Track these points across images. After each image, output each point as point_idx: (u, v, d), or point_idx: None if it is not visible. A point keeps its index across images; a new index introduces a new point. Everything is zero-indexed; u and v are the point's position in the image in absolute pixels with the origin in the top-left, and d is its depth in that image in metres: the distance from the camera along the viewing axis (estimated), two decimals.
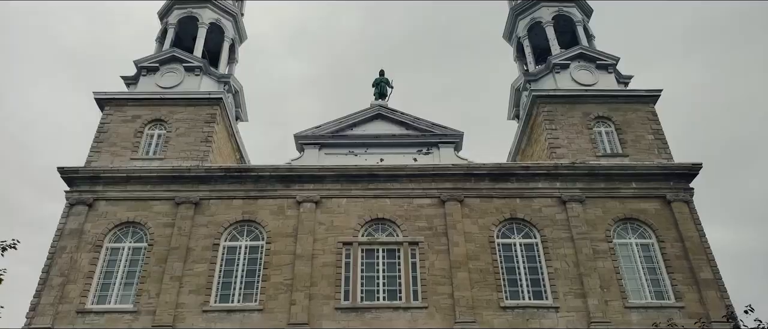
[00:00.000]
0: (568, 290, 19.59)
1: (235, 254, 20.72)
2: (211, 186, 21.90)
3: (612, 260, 20.20)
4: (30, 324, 18.61)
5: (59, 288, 19.34)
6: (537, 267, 20.37)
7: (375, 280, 20.30)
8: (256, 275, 20.19)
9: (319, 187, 22.00)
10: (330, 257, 20.52)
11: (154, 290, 19.50)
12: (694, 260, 20.00)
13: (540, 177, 22.03)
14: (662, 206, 21.42)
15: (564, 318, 19.08)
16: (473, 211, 21.46)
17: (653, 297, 19.62)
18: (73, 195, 21.48)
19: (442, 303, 19.52)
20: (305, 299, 19.48)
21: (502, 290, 19.79)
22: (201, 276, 19.94)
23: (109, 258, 20.48)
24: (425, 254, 20.58)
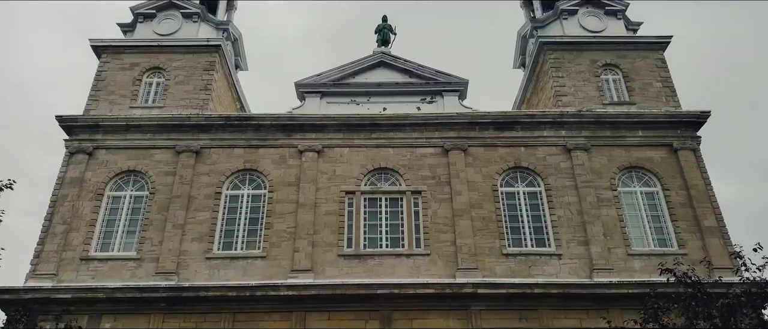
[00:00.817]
0: (571, 237, 19.60)
1: (237, 202, 20.69)
2: (212, 135, 21.69)
3: (616, 208, 20.15)
4: (35, 271, 18.74)
5: (62, 236, 19.40)
6: (540, 215, 20.35)
7: (378, 228, 20.33)
8: (259, 223, 20.21)
9: (321, 136, 21.77)
10: (333, 206, 20.49)
11: (157, 238, 19.56)
12: (698, 208, 19.93)
13: (545, 126, 21.75)
14: (668, 155, 21.22)
15: (566, 265, 19.16)
16: (477, 160, 21.27)
17: (656, 244, 19.65)
18: (73, 144, 21.32)
19: (444, 251, 19.59)
20: (308, 246, 19.55)
21: (505, 238, 19.82)
22: (203, 224, 19.96)
23: (110, 207, 20.48)
24: (428, 203, 20.53)
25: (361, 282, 18.66)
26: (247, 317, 18.40)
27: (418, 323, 18.37)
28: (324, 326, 18.33)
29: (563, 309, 18.31)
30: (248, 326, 18.22)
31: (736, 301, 9.23)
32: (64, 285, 18.29)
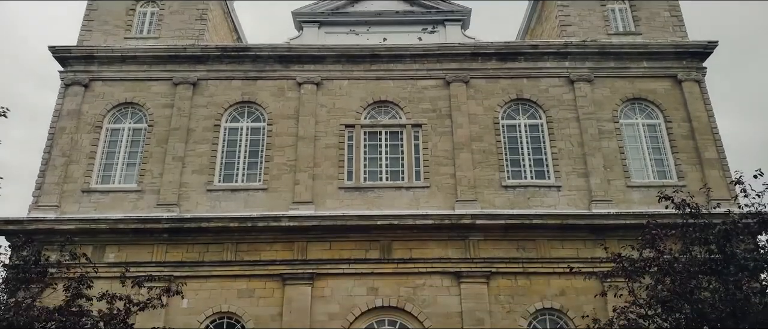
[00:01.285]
0: (571, 169, 19.64)
1: (236, 135, 20.61)
2: (209, 66, 21.33)
3: (617, 140, 20.08)
4: (37, 203, 18.91)
5: (62, 169, 19.45)
6: (541, 148, 20.32)
7: (378, 161, 20.34)
8: (259, 156, 20.21)
9: (320, 68, 21.40)
10: (332, 139, 20.41)
11: (157, 170, 19.61)
12: (700, 140, 19.86)
13: (549, 56, 21.34)
14: (672, 86, 20.94)
15: (565, 197, 19.28)
16: (479, 92, 21.01)
17: (656, 176, 19.71)
18: (68, 75, 21.02)
19: (443, 183, 19.67)
20: (309, 179, 19.62)
21: (505, 170, 19.87)
22: (203, 156, 19.96)
23: (109, 139, 20.42)
24: (428, 136, 20.44)
25: (361, 213, 18.87)
26: (249, 247, 18.74)
27: (416, 253, 18.72)
28: (325, 256, 18.69)
29: (560, 240, 18.59)
30: (251, 256, 18.57)
31: (732, 227, 9.30)
32: (67, 217, 18.49)
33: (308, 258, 18.60)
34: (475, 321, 17.87)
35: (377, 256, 18.67)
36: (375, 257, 18.67)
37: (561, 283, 18.28)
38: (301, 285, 18.36)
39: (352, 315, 18.16)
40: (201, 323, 18.01)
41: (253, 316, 18.07)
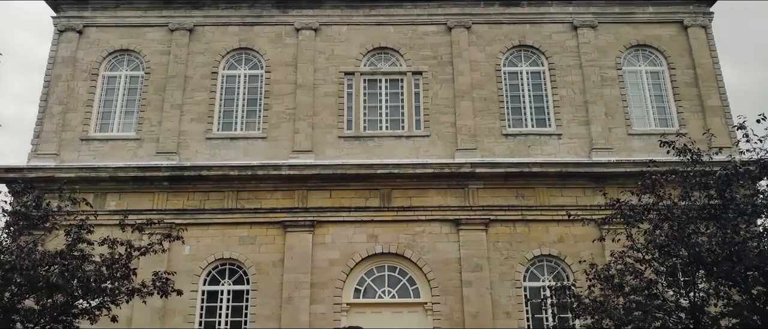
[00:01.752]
0: (572, 117, 19.52)
1: (234, 83, 20.39)
2: (205, 12, 20.88)
3: (619, 87, 19.88)
4: (36, 151, 18.89)
5: (60, 116, 19.33)
6: (542, 95, 20.13)
7: (378, 110, 20.20)
8: (258, 104, 20.05)
9: (318, 13, 20.95)
10: (331, 87, 20.19)
11: (156, 118, 19.49)
12: (703, 87, 19.66)
13: (552, 1, 20.87)
14: (678, 32, 20.56)
15: (566, 145, 19.24)
16: (480, 38, 20.64)
17: (657, 124, 19.61)
18: (61, 21, 20.60)
19: (444, 132, 19.59)
20: (308, 128, 19.53)
21: (506, 118, 19.75)
22: (202, 104, 19.80)
23: (106, 87, 20.22)
24: (429, 83, 20.21)
25: (361, 162, 18.88)
26: (249, 195, 18.85)
27: (416, 201, 18.84)
28: (326, 204, 18.82)
29: (560, 188, 18.67)
30: (251, 204, 18.71)
31: (733, 172, 9.28)
32: (67, 165, 18.51)
33: (309, 206, 18.74)
34: (473, 267, 18.16)
35: (377, 204, 18.80)
36: (375, 205, 18.80)
37: (559, 230, 18.48)
38: (302, 232, 18.57)
39: (353, 261, 18.45)
40: (203, 269, 18.33)
41: (254, 262, 18.36)
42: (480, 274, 18.11)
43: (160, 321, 17.58)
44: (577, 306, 9.69)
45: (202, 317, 18.12)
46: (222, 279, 18.55)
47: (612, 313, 9.30)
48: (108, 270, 9.23)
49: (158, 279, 9.76)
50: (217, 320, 18.14)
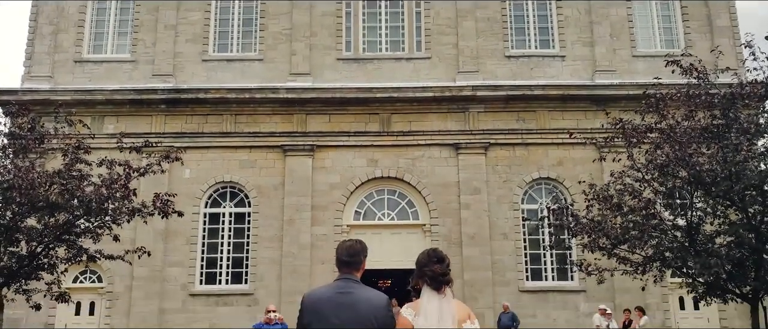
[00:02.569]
0: (576, 38, 19.03)
1: (229, 1, 19.71)
2: None
3: (626, 7, 19.24)
4: (30, 73, 18.55)
5: (51, 37, 18.83)
6: (546, 16, 19.53)
7: (377, 31, 19.67)
8: (253, 24, 19.49)
9: None
10: (329, 6, 19.54)
11: (150, 39, 19.01)
12: (712, 6, 19.01)
13: None
14: None
15: (569, 67, 18.88)
16: None
17: (663, 45, 19.13)
18: None
19: (445, 54, 19.16)
20: (306, 49, 19.08)
21: (509, 39, 19.26)
22: (196, 25, 19.25)
23: (98, 6, 19.59)
24: (430, 2, 19.53)
25: (360, 86, 18.58)
26: (248, 119, 18.71)
27: (416, 125, 18.71)
28: (325, 128, 18.70)
29: (561, 111, 18.49)
30: (250, 128, 18.59)
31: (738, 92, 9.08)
32: (62, 87, 18.23)
33: (308, 130, 18.64)
34: (472, 190, 18.29)
35: (377, 128, 18.69)
36: (374, 129, 18.68)
37: (559, 154, 18.48)
38: (302, 156, 18.57)
39: (353, 184, 18.56)
40: (204, 192, 18.47)
41: (255, 186, 18.47)
42: (478, 197, 18.27)
43: (163, 242, 17.91)
44: (575, 225, 9.77)
45: (205, 238, 18.46)
46: (223, 202, 18.74)
47: (609, 232, 9.39)
48: (107, 190, 9.23)
49: (159, 200, 9.80)
50: (220, 241, 18.48)
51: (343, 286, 3.32)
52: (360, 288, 3.32)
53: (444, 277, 3.22)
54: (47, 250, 9.58)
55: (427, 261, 3.29)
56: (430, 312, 3.16)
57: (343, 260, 3.40)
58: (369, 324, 3.16)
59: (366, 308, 3.20)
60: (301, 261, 17.77)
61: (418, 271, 3.33)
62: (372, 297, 3.26)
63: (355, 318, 3.18)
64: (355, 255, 3.40)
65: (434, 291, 3.21)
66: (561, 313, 17.58)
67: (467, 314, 3.27)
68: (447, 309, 3.17)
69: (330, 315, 3.21)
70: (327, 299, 3.29)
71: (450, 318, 3.15)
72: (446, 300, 3.22)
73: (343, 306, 3.22)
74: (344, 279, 3.36)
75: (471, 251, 17.85)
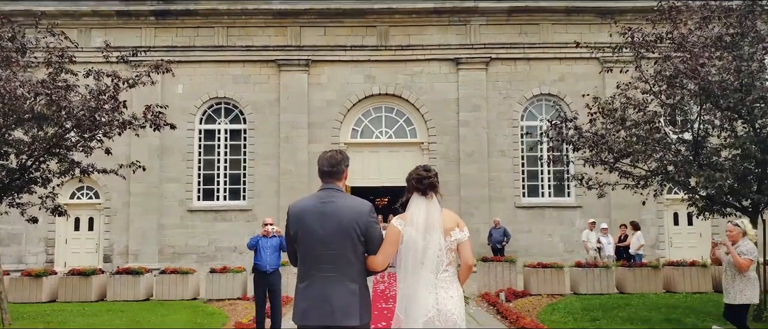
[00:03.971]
0: None
1: None
2: None
3: None
4: None
5: None
6: None
7: None
8: None
9: None
10: None
11: None
12: None
13: None
14: None
15: None
16: None
17: None
18: None
19: None
20: None
21: None
22: None
23: None
24: None
25: None
26: (241, 32, 18.07)
27: (415, 39, 18.13)
28: (320, 42, 18.11)
29: (565, 24, 17.88)
30: (243, 41, 17.98)
31: None
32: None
33: (303, 44, 18.04)
34: (471, 107, 18.00)
35: (374, 43, 18.10)
36: (372, 43, 18.10)
37: (561, 69, 18.05)
38: (297, 71, 18.07)
39: (350, 101, 18.20)
40: (198, 108, 18.13)
41: (250, 101, 18.11)
42: (477, 114, 18.00)
43: (159, 158, 17.77)
44: (578, 139, 9.56)
45: (201, 155, 18.31)
46: (218, 118, 18.44)
47: (612, 145, 9.21)
48: (95, 101, 8.89)
49: (150, 112, 9.48)
50: (216, 158, 18.35)
51: (325, 196, 3.34)
52: (342, 196, 3.34)
53: (428, 179, 3.32)
54: (38, 164, 9.38)
55: (414, 171, 3.44)
56: (418, 219, 3.24)
57: (325, 170, 3.41)
58: (352, 230, 3.20)
59: (349, 215, 3.23)
60: (299, 178, 17.72)
61: (407, 183, 3.45)
62: (354, 205, 3.29)
63: (338, 225, 3.21)
64: (336, 165, 3.40)
65: (421, 195, 3.30)
66: (556, 228, 17.80)
67: (456, 222, 3.33)
68: (435, 216, 3.24)
69: (314, 225, 3.23)
70: (310, 209, 3.31)
71: (438, 226, 3.22)
72: (433, 206, 3.29)
73: (326, 215, 3.24)
74: (327, 188, 3.38)
75: (468, 168, 17.80)
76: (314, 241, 3.22)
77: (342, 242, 3.19)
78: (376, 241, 3.28)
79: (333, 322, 3.15)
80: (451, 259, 3.31)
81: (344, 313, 3.15)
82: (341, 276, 3.17)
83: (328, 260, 3.18)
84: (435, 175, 3.40)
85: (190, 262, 16.72)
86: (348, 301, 3.16)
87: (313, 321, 3.18)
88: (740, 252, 6.36)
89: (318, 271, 3.20)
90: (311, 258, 3.23)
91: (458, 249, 3.30)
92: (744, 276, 6.38)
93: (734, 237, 6.42)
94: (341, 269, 3.18)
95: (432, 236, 3.24)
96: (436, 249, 3.23)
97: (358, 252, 3.22)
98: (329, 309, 3.15)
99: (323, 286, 3.17)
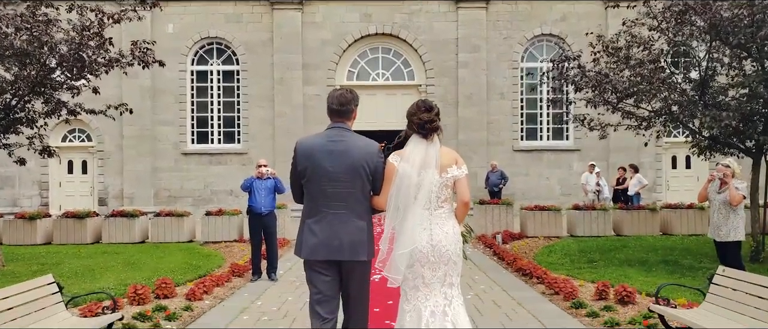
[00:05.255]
0: None
1: None
2: None
3: None
4: None
5: None
6: None
7: None
8: None
9: None
10: None
11: None
12: None
13: None
14: None
15: None
16: None
17: None
18: None
19: None
20: None
21: None
22: None
23: None
24: None
25: None
26: None
27: None
28: None
29: None
30: None
31: None
32: None
33: None
34: (471, 48, 17.55)
35: None
36: None
37: (563, 8, 17.52)
38: (290, 9, 17.48)
39: (345, 42, 17.71)
40: (189, 48, 17.64)
41: (242, 42, 17.61)
42: (477, 55, 17.56)
43: (151, 100, 17.42)
44: (581, 79, 9.26)
45: (194, 97, 17.95)
46: (210, 59, 17.97)
47: (616, 85, 8.91)
48: (79, 37, 8.48)
49: (138, 49, 9.09)
50: (209, 100, 17.99)
51: (334, 134, 3.32)
52: (352, 136, 3.34)
53: (431, 124, 3.20)
54: (23, 103, 9.06)
55: (415, 110, 3.28)
56: (415, 157, 3.16)
57: (334, 109, 3.37)
58: (362, 169, 3.23)
59: (358, 154, 3.25)
60: (294, 121, 17.44)
61: (407, 121, 3.30)
62: (364, 144, 3.31)
63: (347, 163, 3.22)
64: (346, 104, 3.36)
65: (422, 138, 3.21)
66: (554, 172, 17.71)
67: (454, 159, 3.25)
68: (432, 154, 3.17)
69: (324, 162, 3.23)
70: (319, 146, 3.29)
71: (434, 162, 3.15)
72: (433, 146, 3.21)
73: (336, 154, 3.24)
74: (336, 127, 3.35)
75: (467, 111, 17.52)
76: (324, 178, 3.23)
77: (352, 181, 3.22)
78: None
79: (342, 257, 3.21)
80: (447, 196, 3.24)
81: (353, 249, 3.20)
82: (350, 213, 3.22)
83: (338, 197, 3.22)
84: (437, 114, 3.27)
85: (185, 205, 16.64)
86: (357, 237, 3.21)
87: (322, 256, 3.22)
88: (736, 189, 6.49)
89: (328, 208, 3.23)
90: (321, 194, 3.24)
91: (455, 185, 3.23)
92: (737, 213, 6.52)
93: (728, 177, 6.50)
94: (350, 206, 3.22)
95: (426, 173, 3.17)
96: (429, 185, 3.17)
97: (365, 190, 3.27)
98: (339, 244, 3.19)
99: (333, 222, 3.21)
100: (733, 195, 6.45)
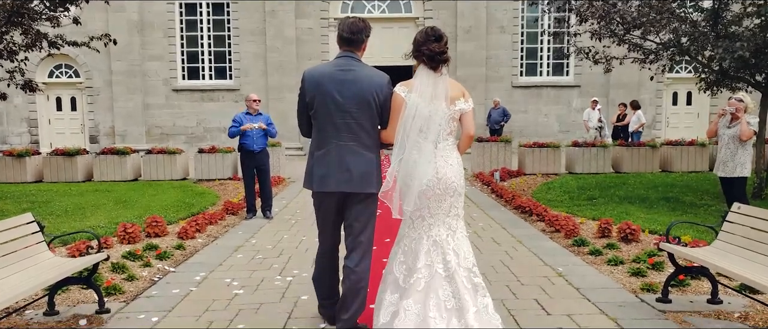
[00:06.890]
0: None
1: None
2: None
3: None
4: None
5: None
6: None
7: None
8: None
9: None
10: None
11: None
12: None
13: None
14: None
15: None
16: None
17: None
18: None
19: None
20: None
21: None
22: None
23: None
24: None
25: None
26: None
27: None
28: None
29: None
30: None
31: None
32: None
33: None
34: None
35: None
36: None
37: None
38: None
39: None
40: None
41: None
42: None
43: (139, 35, 16.79)
44: (587, 8, 8.79)
45: (183, 31, 17.31)
46: None
47: (625, 15, 8.47)
48: None
49: None
50: (199, 34, 17.36)
51: (344, 63, 3.22)
52: (361, 66, 3.24)
53: (441, 56, 3.04)
54: (0, 35, 8.59)
55: (424, 39, 3.09)
56: (424, 89, 3.02)
57: (345, 37, 3.25)
58: (372, 100, 3.15)
59: (368, 84, 3.16)
60: (287, 56, 16.91)
61: (415, 50, 3.12)
62: (374, 75, 3.22)
63: (357, 93, 3.14)
64: (358, 33, 3.25)
65: (431, 69, 3.06)
66: (553, 108, 17.40)
67: (461, 92, 3.12)
68: (442, 87, 3.04)
69: (332, 91, 3.16)
70: (329, 75, 3.20)
71: (443, 95, 3.03)
72: (442, 79, 3.06)
73: (345, 83, 3.16)
74: (346, 56, 3.25)
75: (466, 46, 17.00)
76: (333, 108, 3.16)
77: (361, 112, 3.15)
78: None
79: (351, 189, 3.18)
80: (452, 129, 3.12)
81: (363, 180, 3.17)
82: (359, 145, 3.18)
83: (348, 129, 3.16)
84: (446, 44, 3.08)
85: (178, 143, 16.39)
86: (367, 169, 3.18)
87: (332, 187, 3.19)
88: (748, 123, 6.29)
89: (337, 139, 3.18)
90: (331, 125, 3.18)
91: (461, 118, 3.11)
92: (745, 149, 6.35)
93: (740, 111, 6.27)
94: (360, 138, 3.18)
95: (436, 105, 3.02)
96: (439, 118, 3.03)
97: (374, 122, 3.20)
98: (348, 176, 3.16)
99: (342, 154, 3.17)
100: (743, 130, 6.24)
